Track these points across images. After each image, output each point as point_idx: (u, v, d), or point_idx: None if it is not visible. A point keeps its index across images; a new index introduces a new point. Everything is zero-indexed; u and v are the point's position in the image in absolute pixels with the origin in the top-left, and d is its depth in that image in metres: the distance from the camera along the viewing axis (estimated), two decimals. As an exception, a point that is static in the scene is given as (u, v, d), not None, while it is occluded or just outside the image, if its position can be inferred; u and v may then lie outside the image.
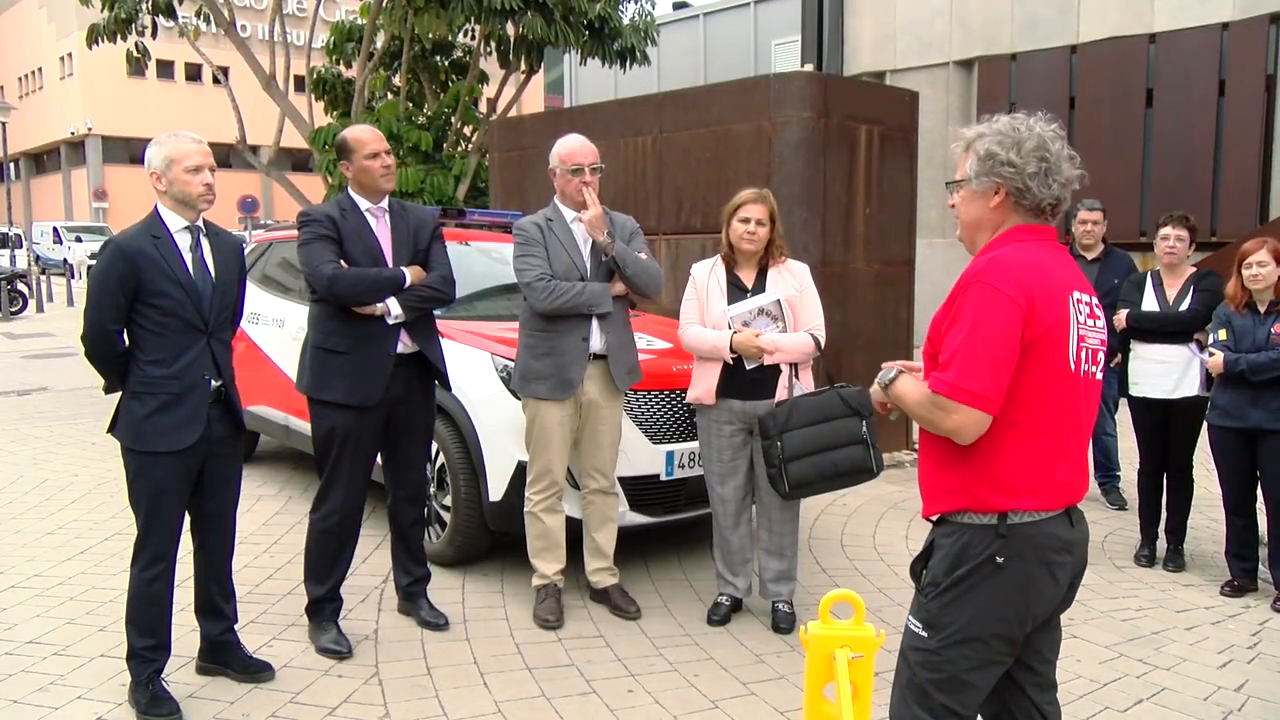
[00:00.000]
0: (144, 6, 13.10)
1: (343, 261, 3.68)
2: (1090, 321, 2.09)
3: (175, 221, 3.20)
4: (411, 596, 4.08)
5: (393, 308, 3.70)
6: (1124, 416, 5.20)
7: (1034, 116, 2.13)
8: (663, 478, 4.45)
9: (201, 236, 3.26)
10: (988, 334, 1.97)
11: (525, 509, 4.10)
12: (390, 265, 3.76)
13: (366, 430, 3.76)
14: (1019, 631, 2.09)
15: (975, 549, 2.04)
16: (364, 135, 3.79)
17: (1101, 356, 2.12)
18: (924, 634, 2.10)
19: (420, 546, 4.11)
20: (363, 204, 3.79)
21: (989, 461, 2.03)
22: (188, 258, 3.20)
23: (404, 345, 3.80)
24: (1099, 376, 2.13)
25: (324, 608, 3.81)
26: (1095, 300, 2.14)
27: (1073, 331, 2.04)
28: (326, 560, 3.79)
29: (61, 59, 40.93)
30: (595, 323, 3.99)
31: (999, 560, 2.03)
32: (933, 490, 2.15)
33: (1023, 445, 2.02)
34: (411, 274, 3.76)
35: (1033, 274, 2.01)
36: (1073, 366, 2.04)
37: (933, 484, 2.15)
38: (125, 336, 3.17)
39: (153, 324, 3.13)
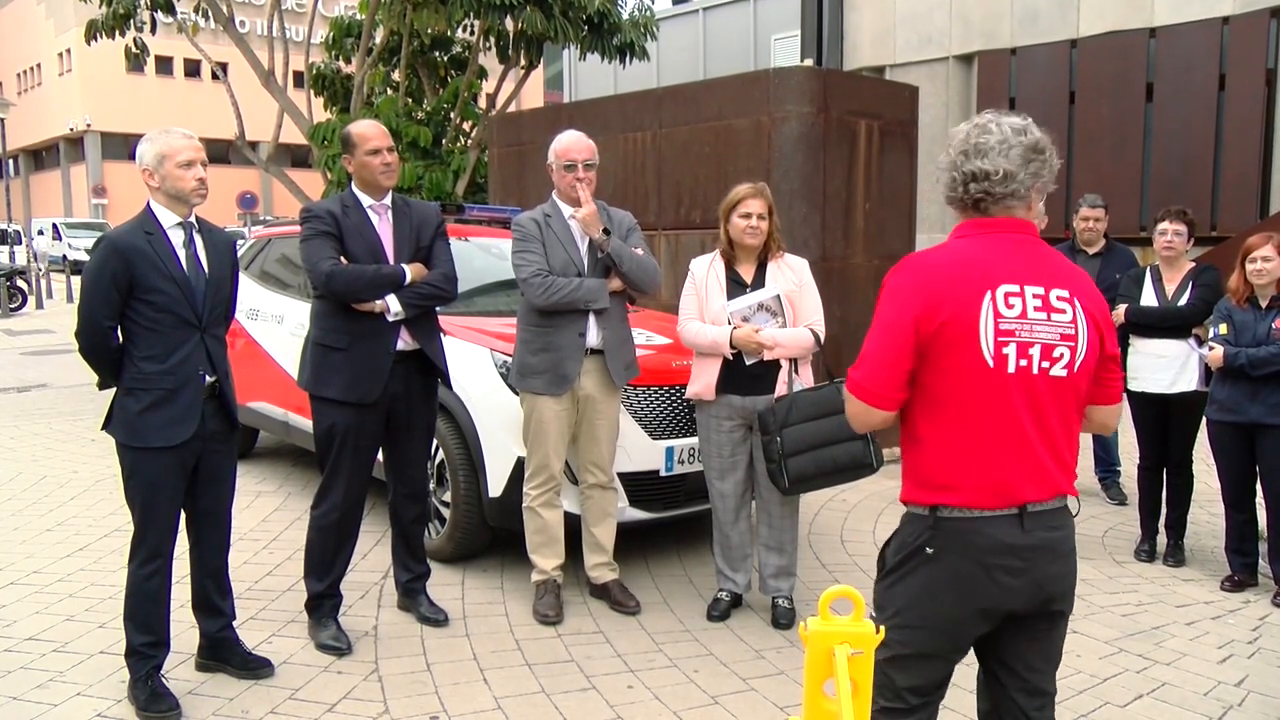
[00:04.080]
0: (142, 2, 13.07)
1: (343, 258, 3.67)
2: (1042, 315, 2.00)
3: (168, 218, 3.20)
4: (411, 593, 4.07)
5: (392, 305, 3.69)
6: (1124, 412, 5.19)
7: (991, 111, 2.12)
8: (662, 473, 4.44)
9: (194, 232, 3.26)
10: (880, 330, 2.05)
11: (523, 504, 4.10)
12: (391, 262, 3.75)
13: (367, 427, 3.75)
14: (957, 627, 2.09)
15: (911, 537, 2.10)
16: (367, 131, 3.77)
17: (1065, 353, 2.02)
18: (875, 614, 2.15)
19: (421, 544, 4.11)
20: (365, 200, 3.78)
21: (916, 455, 2.09)
22: (181, 253, 3.19)
23: (404, 343, 3.79)
24: (1060, 373, 2.02)
25: (324, 604, 3.81)
26: (1065, 293, 2.03)
27: (985, 326, 1.97)
28: (326, 556, 3.79)
29: (60, 55, 40.86)
30: (592, 318, 3.98)
31: (928, 550, 2.06)
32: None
33: (943, 441, 2.03)
34: (412, 271, 3.75)
35: (940, 268, 2.01)
36: (992, 362, 1.98)
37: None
38: (119, 333, 3.17)
39: (147, 320, 3.12)
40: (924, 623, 2.09)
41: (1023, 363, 1.99)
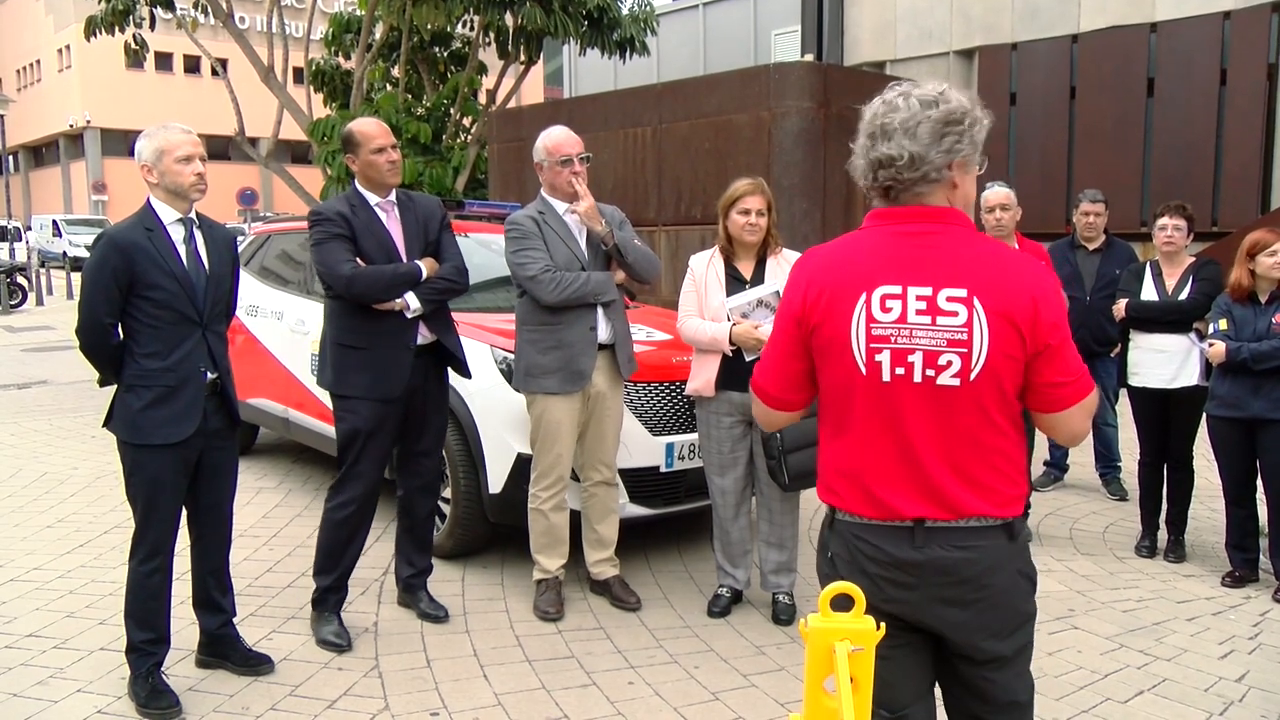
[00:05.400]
0: (141, -2, 13.07)
1: (359, 259, 3.67)
2: (925, 319, 1.79)
3: (168, 214, 3.19)
4: (412, 588, 4.07)
5: (411, 302, 3.71)
6: (1124, 407, 5.19)
7: (908, 83, 1.88)
8: (662, 469, 4.44)
9: (195, 228, 3.25)
10: (774, 327, 2.01)
11: (530, 506, 4.07)
12: (404, 258, 3.76)
13: (388, 422, 3.77)
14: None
15: (822, 534, 2.02)
16: (370, 129, 3.77)
17: (954, 360, 1.79)
18: None
19: (430, 538, 4.11)
20: (371, 199, 3.78)
21: (821, 453, 1.99)
22: (181, 250, 3.18)
23: (422, 336, 3.82)
24: (950, 382, 1.80)
25: (329, 598, 3.82)
26: (960, 294, 1.79)
27: (857, 331, 1.82)
28: (338, 549, 3.80)
29: (59, 51, 40.84)
30: (600, 312, 3.98)
31: (830, 554, 1.97)
32: None
33: (830, 443, 1.94)
34: (426, 267, 3.76)
35: (823, 266, 1.89)
36: (864, 370, 1.83)
37: None
38: (120, 330, 3.16)
39: (147, 317, 3.11)
40: None
41: (899, 371, 1.81)
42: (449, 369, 4.00)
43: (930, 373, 1.80)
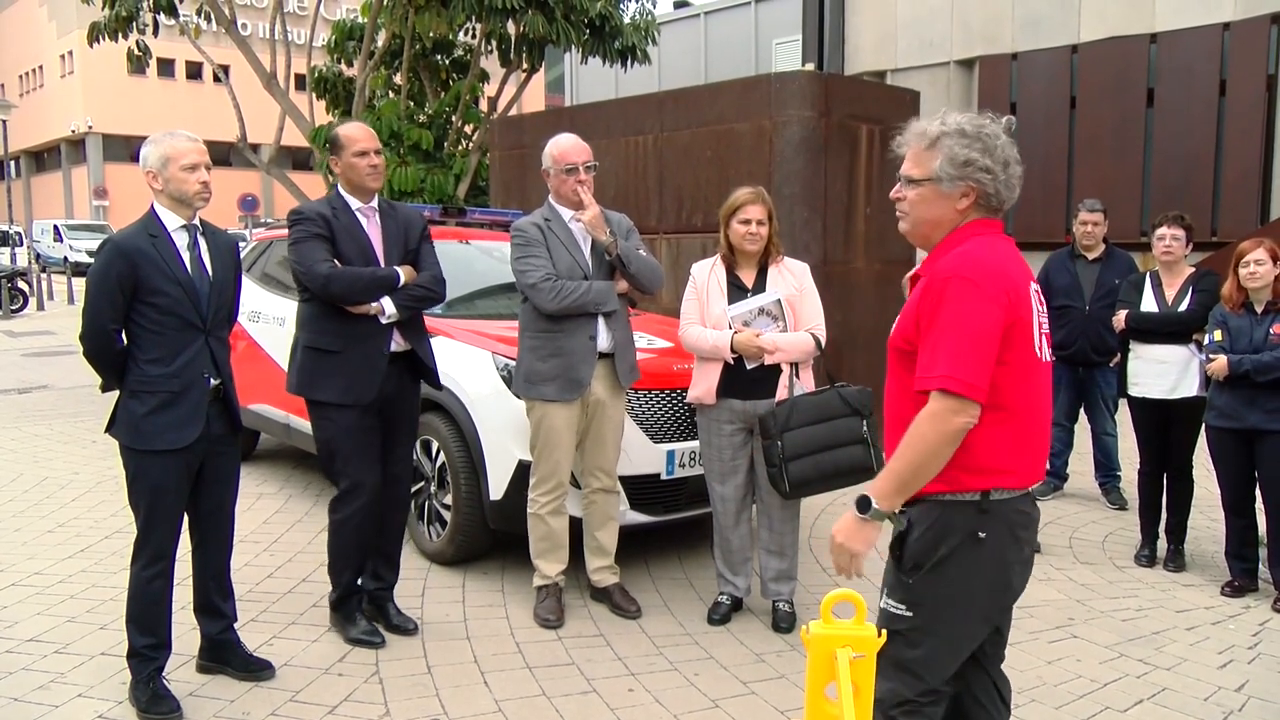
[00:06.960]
0: (145, 4, 13.11)
1: (336, 260, 3.67)
2: (1041, 309, 2.21)
3: (172, 220, 3.20)
4: (378, 601, 3.97)
5: (387, 307, 3.69)
6: (1124, 416, 5.19)
7: (985, 115, 2.19)
8: (663, 477, 4.45)
9: (198, 235, 3.26)
10: (977, 330, 2.03)
11: (530, 511, 4.08)
12: (382, 264, 3.74)
13: (366, 425, 3.75)
14: (997, 606, 2.22)
15: (957, 525, 2.12)
16: (355, 133, 3.77)
17: (1043, 341, 2.23)
18: (909, 613, 2.17)
19: (399, 552, 4.01)
20: (353, 203, 3.78)
21: (966, 445, 2.07)
22: (185, 256, 3.20)
23: (396, 344, 3.79)
24: (1050, 359, 2.25)
25: (350, 599, 3.83)
26: (1037, 288, 2.24)
27: (1035, 320, 2.14)
28: (350, 553, 3.79)
29: (62, 57, 40.90)
30: (601, 321, 3.98)
31: (981, 535, 2.11)
32: None
33: (1001, 429, 2.10)
34: (404, 274, 3.75)
35: (1003, 267, 2.11)
36: (1038, 353, 2.15)
37: None
38: (124, 336, 3.17)
39: (151, 323, 3.13)
40: (975, 608, 2.16)
41: (1046, 353, 2.20)
42: (420, 382, 3.96)
43: (1048, 352, 2.21)
